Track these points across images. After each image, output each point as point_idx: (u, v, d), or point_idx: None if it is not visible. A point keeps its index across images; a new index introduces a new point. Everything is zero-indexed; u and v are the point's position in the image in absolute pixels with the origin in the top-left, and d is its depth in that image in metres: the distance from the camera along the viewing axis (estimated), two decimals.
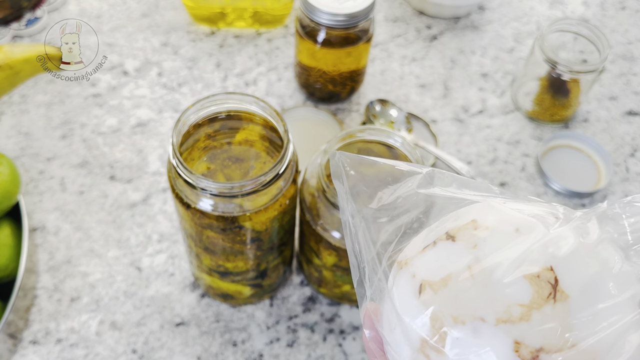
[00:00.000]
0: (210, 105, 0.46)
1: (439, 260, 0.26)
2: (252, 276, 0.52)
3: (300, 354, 0.54)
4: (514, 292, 0.24)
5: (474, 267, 0.25)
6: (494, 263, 0.25)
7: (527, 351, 0.23)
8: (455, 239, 0.26)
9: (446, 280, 0.25)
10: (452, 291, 0.25)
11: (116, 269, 0.58)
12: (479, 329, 0.24)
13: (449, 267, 0.26)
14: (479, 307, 0.24)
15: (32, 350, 0.53)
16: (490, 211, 0.27)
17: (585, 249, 0.25)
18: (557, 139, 0.68)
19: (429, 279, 0.26)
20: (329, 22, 0.60)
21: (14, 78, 0.59)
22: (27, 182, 0.63)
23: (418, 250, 0.27)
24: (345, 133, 0.48)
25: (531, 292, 0.24)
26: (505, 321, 0.24)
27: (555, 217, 0.27)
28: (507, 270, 0.25)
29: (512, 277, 0.24)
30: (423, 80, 0.73)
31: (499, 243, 0.25)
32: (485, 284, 0.25)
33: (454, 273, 0.25)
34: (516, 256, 0.25)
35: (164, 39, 0.75)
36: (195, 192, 0.42)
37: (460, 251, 0.26)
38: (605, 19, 0.81)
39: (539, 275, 0.24)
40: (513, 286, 0.24)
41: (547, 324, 0.23)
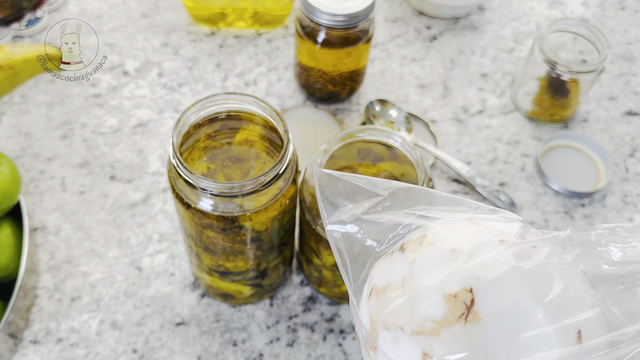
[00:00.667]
0: (210, 106, 0.46)
1: (387, 269, 0.29)
2: (252, 276, 0.52)
3: (300, 353, 0.54)
4: (431, 308, 0.26)
5: (406, 281, 0.27)
6: (422, 279, 0.27)
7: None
8: (404, 250, 0.28)
9: (385, 289, 0.28)
10: (387, 299, 0.27)
11: (116, 268, 0.58)
12: (398, 336, 0.26)
13: (390, 276, 0.28)
14: (401, 317, 0.26)
15: (33, 350, 0.53)
16: (442, 228, 0.29)
17: (517, 274, 0.25)
18: (556, 139, 0.69)
19: (376, 285, 0.28)
20: (329, 23, 0.60)
21: (15, 78, 0.59)
22: (28, 182, 0.63)
23: (383, 260, 0.30)
24: (345, 133, 0.48)
25: (445, 310, 0.25)
26: (418, 333, 0.26)
27: (500, 239, 0.27)
28: (431, 287, 0.26)
29: (432, 294, 0.26)
30: (423, 80, 0.74)
31: (433, 261, 0.27)
32: (411, 297, 0.26)
33: (391, 283, 0.28)
34: (444, 275, 0.26)
35: (164, 39, 0.75)
36: (195, 192, 0.42)
37: (402, 263, 0.28)
38: (604, 19, 0.81)
39: (456, 295, 0.25)
40: (432, 302, 0.26)
41: (453, 342, 0.25)
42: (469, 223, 0.29)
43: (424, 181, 0.46)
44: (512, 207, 0.63)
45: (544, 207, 0.64)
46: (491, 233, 0.28)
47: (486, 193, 0.63)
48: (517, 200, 0.64)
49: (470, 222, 0.29)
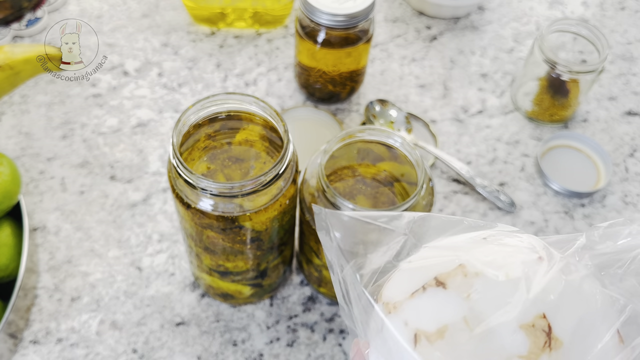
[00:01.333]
0: (210, 106, 0.46)
1: (432, 309, 0.26)
2: (252, 276, 0.52)
3: (300, 353, 0.54)
4: (511, 343, 0.24)
5: (470, 319, 0.25)
6: (489, 314, 0.25)
7: None
8: (446, 286, 0.26)
9: (442, 332, 0.25)
10: (450, 344, 0.25)
11: (116, 268, 0.58)
12: None
13: (443, 317, 0.25)
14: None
15: (33, 350, 0.53)
16: (475, 254, 0.27)
17: (571, 288, 0.25)
18: (556, 139, 0.69)
19: (424, 330, 0.25)
20: (329, 23, 0.60)
21: (15, 78, 0.59)
22: (28, 182, 0.63)
23: (406, 295, 0.27)
24: (345, 133, 0.48)
25: (528, 343, 0.24)
26: None
27: (538, 256, 0.26)
28: (503, 321, 0.24)
29: (508, 329, 0.24)
30: (423, 80, 0.74)
31: (491, 292, 0.25)
32: (483, 336, 0.24)
33: (450, 324, 0.25)
34: (511, 306, 0.25)
35: (164, 39, 0.75)
36: (195, 192, 0.42)
37: (454, 300, 0.25)
38: (604, 19, 0.81)
39: (533, 324, 0.24)
40: (510, 337, 0.24)
41: None
42: (489, 244, 0.28)
43: (424, 181, 0.46)
44: (512, 207, 0.63)
45: (543, 207, 0.64)
46: (521, 252, 0.27)
47: (486, 193, 0.63)
48: (517, 200, 0.64)
49: (488, 242, 0.28)
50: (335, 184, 0.49)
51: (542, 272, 0.26)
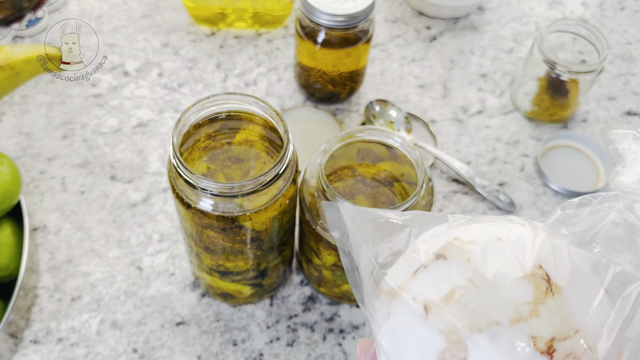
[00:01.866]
0: (210, 106, 0.46)
1: (437, 279, 0.27)
2: (252, 276, 0.52)
3: (300, 353, 0.54)
4: (518, 293, 0.26)
5: (475, 279, 0.27)
6: (491, 271, 0.27)
7: (543, 343, 0.25)
8: (446, 257, 0.28)
9: (450, 296, 0.26)
10: (460, 304, 0.26)
11: (117, 268, 0.58)
12: (496, 332, 0.25)
13: (449, 283, 0.27)
14: (491, 312, 0.26)
15: (33, 349, 0.54)
16: (467, 229, 0.29)
17: (559, 248, 0.27)
18: (556, 139, 0.69)
19: (432, 299, 0.27)
20: (329, 23, 0.60)
21: (15, 78, 0.59)
22: (28, 182, 0.63)
23: (408, 276, 0.28)
24: (345, 133, 0.48)
25: (532, 290, 0.26)
26: (518, 320, 0.25)
27: (523, 224, 0.29)
28: (505, 275, 0.26)
29: (512, 280, 0.26)
30: (422, 80, 0.74)
31: (489, 253, 0.27)
32: (490, 291, 0.26)
33: (456, 287, 0.26)
34: (508, 261, 0.27)
35: (165, 39, 0.75)
36: (195, 192, 0.42)
37: (456, 266, 0.27)
38: (604, 19, 0.82)
39: (533, 274, 0.26)
40: (515, 288, 0.26)
41: (553, 315, 0.26)
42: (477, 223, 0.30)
43: (423, 181, 0.46)
44: (511, 206, 0.63)
45: (543, 207, 0.64)
46: (508, 222, 0.29)
47: (486, 193, 0.63)
48: (517, 200, 0.64)
49: (476, 222, 0.30)
50: (335, 184, 0.50)
51: (530, 234, 0.28)
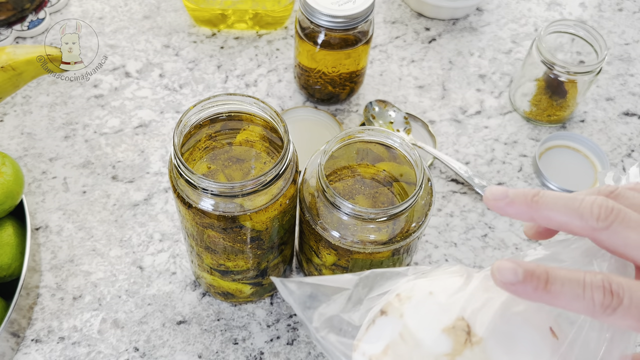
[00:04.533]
0: (211, 106, 0.46)
1: (378, 334, 0.30)
2: (252, 275, 0.52)
3: (300, 352, 0.55)
4: (438, 345, 0.28)
5: (404, 333, 0.29)
6: (418, 326, 0.29)
7: None
8: (387, 313, 0.31)
9: (386, 350, 0.29)
10: (393, 358, 0.29)
11: (118, 268, 0.58)
12: None
13: (385, 338, 0.30)
14: None
15: (35, 348, 0.54)
16: (411, 284, 0.32)
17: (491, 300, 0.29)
18: (554, 139, 0.69)
19: (374, 353, 0.30)
20: (329, 24, 0.60)
21: (17, 79, 0.59)
22: (30, 182, 0.63)
23: (363, 332, 0.31)
24: (345, 134, 0.49)
25: (452, 342, 0.28)
26: None
27: (460, 276, 0.31)
28: (428, 328, 0.29)
29: (433, 334, 0.29)
30: (421, 81, 0.74)
31: (418, 308, 0.30)
32: (415, 344, 0.29)
33: (390, 343, 0.29)
34: (434, 315, 0.29)
35: (166, 40, 0.76)
36: (196, 192, 0.43)
37: (391, 322, 0.30)
38: (602, 20, 0.82)
39: (453, 326, 0.29)
40: (436, 341, 0.28)
41: None
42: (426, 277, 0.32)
43: (422, 181, 0.46)
44: None
45: None
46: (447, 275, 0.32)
47: None
48: None
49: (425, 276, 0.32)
50: (334, 184, 0.50)
51: (461, 286, 0.30)
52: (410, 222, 0.48)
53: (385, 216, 0.46)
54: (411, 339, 0.29)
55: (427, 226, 0.60)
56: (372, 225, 0.47)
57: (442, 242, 0.61)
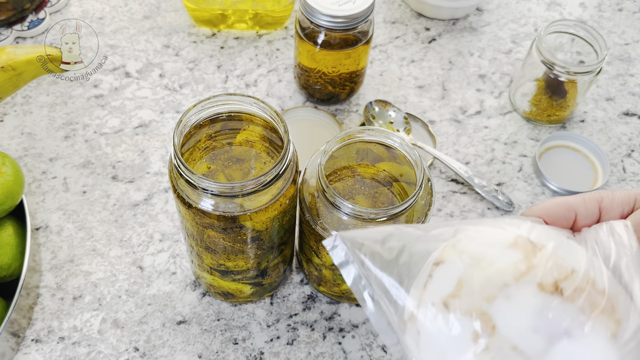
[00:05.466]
0: (211, 107, 0.46)
1: (443, 280, 0.31)
2: (252, 275, 0.52)
3: (300, 352, 0.55)
4: (510, 258, 0.30)
5: (471, 262, 0.30)
6: (483, 252, 0.31)
7: (549, 286, 0.29)
8: (444, 261, 0.31)
9: (460, 285, 0.30)
10: (470, 287, 0.30)
11: (118, 268, 0.58)
12: (509, 293, 0.29)
13: (454, 277, 0.31)
14: (496, 280, 0.30)
15: (35, 348, 0.54)
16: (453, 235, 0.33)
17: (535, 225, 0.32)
18: (554, 139, 0.69)
19: (445, 295, 0.30)
20: (329, 24, 0.61)
21: (17, 79, 0.59)
22: (30, 182, 0.63)
23: (421, 292, 0.32)
24: (345, 134, 0.49)
25: (521, 251, 0.30)
26: (520, 276, 0.29)
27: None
28: (494, 249, 0.31)
29: (501, 251, 0.30)
30: (421, 81, 0.74)
31: (475, 241, 0.32)
32: (488, 266, 0.30)
33: (462, 277, 0.30)
34: (492, 241, 0.31)
35: (166, 40, 0.76)
36: (196, 192, 0.43)
37: (453, 263, 0.31)
38: (602, 20, 0.82)
39: (516, 242, 0.31)
40: (506, 255, 0.30)
41: (546, 264, 0.30)
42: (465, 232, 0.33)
43: (422, 181, 0.46)
44: (510, 206, 0.64)
45: None
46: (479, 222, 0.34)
47: (484, 193, 0.64)
48: (515, 200, 0.65)
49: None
50: (334, 184, 0.50)
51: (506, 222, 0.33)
52: (410, 222, 0.48)
53: (386, 216, 0.46)
54: (481, 264, 0.30)
55: None
56: (372, 225, 0.47)
57: None
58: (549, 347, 0.29)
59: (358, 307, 0.57)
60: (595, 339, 0.29)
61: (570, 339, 0.29)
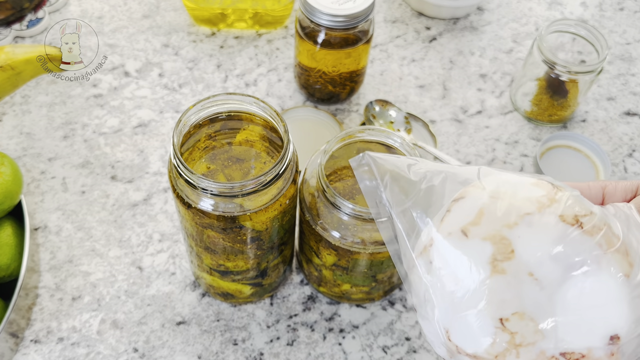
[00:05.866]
0: (210, 106, 0.46)
1: (462, 212, 0.32)
2: (252, 275, 0.52)
3: (300, 352, 0.55)
4: (533, 192, 0.32)
5: (495, 194, 0.32)
6: (506, 186, 0.32)
7: (570, 218, 0.30)
8: (464, 196, 0.33)
9: (481, 214, 0.31)
10: (491, 215, 0.31)
11: (117, 268, 0.58)
12: (530, 221, 0.31)
13: (474, 208, 0.32)
14: (519, 209, 0.31)
15: (34, 349, 0.54)
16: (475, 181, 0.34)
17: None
18: (555, 139, 0.69)
19: (465, 224, 0.31)
20: (329, 23, 0.60)
21: (16, 79, 0.59)
22: (29, 182, 0.63)
23: (438, 224, 0.33)
24: (345, 133, 0.49)
25: (544, 189, 0.32)
26: (543, 207, 0.31)
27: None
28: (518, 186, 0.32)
29: (525, 186, 0.32)
30: (422, 81, 0.74)
31: (499, 178, 0.33)
32: (511, 196, 0.32)
33: (483, 207, 0.32)
34: (516, 180, 0.32)
35: (165, 40, 0.75)
36: (196, 192, 0.43)
37: (474, 197, 0.32)
38: (603, 19, 0.82)
39: (537, 182, 0.32)
40: (530, 190, 0.32)
41: (568, 201, 0.31)
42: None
43: None
44: None
45: None
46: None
47: None
48: None
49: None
50: (335, 184, 0.50)
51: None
52: None
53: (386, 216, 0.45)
54: (505, 195, 0.31)
55: None
56: (373, 225, 0.46)
57: None
58: (563, 278, 0.30)
59: (358, 307, 0.57)
60: (609, 276, 0.30)
61: (585, 273, 0.30)
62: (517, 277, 0.30)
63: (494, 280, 0.30)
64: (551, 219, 0.30)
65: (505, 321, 0.30)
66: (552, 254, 0.30)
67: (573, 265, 0.30)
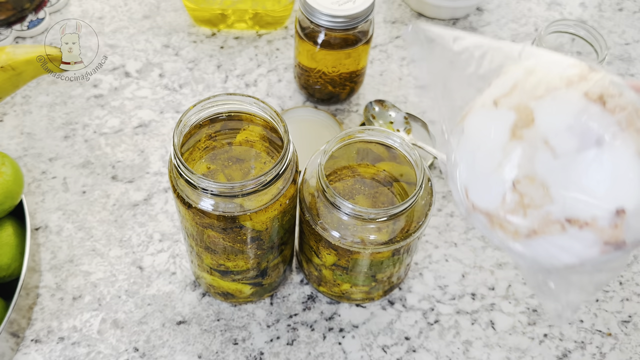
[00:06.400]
0: (211, 106, 0.46)
1: (498, 86, 0.35)
2: (252, 275, 0.52)
3: (300, 352, 0.55)
4: (567, 71, 0.33)
5: (530, 69, 0.33)
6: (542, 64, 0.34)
7: (594, 95, 0.32)
8: (505, 73, 0.35)
9: (514, 87, 0.33)
10: (523, 87, 0.33)
11: (118, 268, 0.58)
12: (556, 95, 0.32)
13: (510, 82, 0.34)
14: (547, 82, 0.33)
15: (35, 348, 0.54)
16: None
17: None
18: None
19: (498, 95, 0.34)
20: (329, 24, 0.60)
21: (17, 79, 0.59)
22: (30, 182, 0.63)
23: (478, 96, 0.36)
24: (345, 133, 0.49)
25: (578, 69, 0.33)
26: (571, 83, 0.32)
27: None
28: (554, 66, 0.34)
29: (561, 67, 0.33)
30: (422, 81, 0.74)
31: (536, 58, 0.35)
32: (545, 72, 0.33)
33: (517, 81, 0.34)
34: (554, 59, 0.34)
35: (165, 40, 0.76)
36: (196, 192, 0.43)
37: (514, 72, 0.34)
38: (602, 20, 0.82)
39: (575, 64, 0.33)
40: (565, 69, 0.33)
41: (600, 81, 0.32)
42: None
43: (423, 181, 0.46)
44: None
45: None
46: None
47: None
48: None
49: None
50: (334, 184, 0.50)
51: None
52: (410, 222, 0.48)
53: (386, 216, 0.46)
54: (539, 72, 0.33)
55: (428, 226, 0.60)
56: (372, 225, 0.47)
57: (442, 242, 0.61)
58: (578, 150, 0.31)
59: (358, 307, 0.57)
60: (624, 152, 0.31)
61: (601, 148, 0.31)
62: (532, 144, 0.32)
63: (511, 144, 0.32)
64: (575, 94, 0.32)
65: (516, 182, 0.32)
66: (568, 125, 0.31)
67: (589, 139, 0.31)
